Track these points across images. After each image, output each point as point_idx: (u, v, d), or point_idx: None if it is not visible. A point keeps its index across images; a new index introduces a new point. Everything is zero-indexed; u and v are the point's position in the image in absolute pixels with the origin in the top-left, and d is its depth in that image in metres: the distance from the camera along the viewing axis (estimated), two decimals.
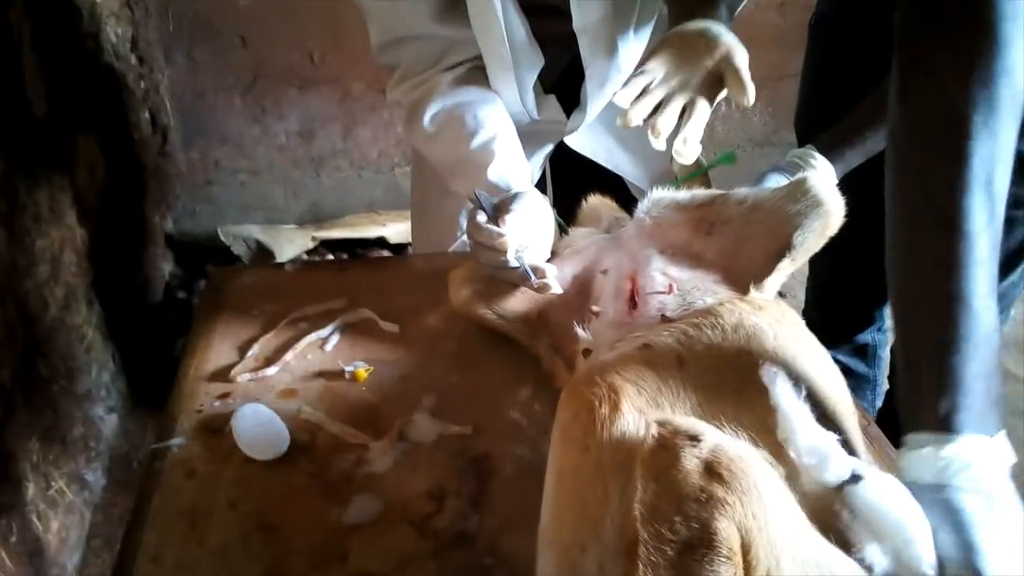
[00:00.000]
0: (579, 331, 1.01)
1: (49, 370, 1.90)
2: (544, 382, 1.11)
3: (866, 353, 1.87)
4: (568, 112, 1.45)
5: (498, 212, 1.11)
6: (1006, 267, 1.49)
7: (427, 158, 1.36)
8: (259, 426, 1.02)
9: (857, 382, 1.84)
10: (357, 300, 1.28)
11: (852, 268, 1.77)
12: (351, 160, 3.32)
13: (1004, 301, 1.56)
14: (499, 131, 1.26)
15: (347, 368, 1.13)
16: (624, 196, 1.44)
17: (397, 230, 3.08)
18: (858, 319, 1.80)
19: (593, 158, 1.50)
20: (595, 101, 1.38)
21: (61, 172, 2.10)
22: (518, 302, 1.16)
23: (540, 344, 1.13)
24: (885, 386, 1.86)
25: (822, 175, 1.07)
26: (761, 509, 0.59)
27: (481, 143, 1.24)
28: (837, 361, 0.91)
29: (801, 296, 1.92)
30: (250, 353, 1.17)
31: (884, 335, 1.90)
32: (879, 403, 1.89)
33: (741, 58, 1.05)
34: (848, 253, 1.74)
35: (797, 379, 0.76)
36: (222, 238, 3.04)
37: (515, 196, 1.15)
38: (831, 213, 1.02)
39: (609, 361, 0.81)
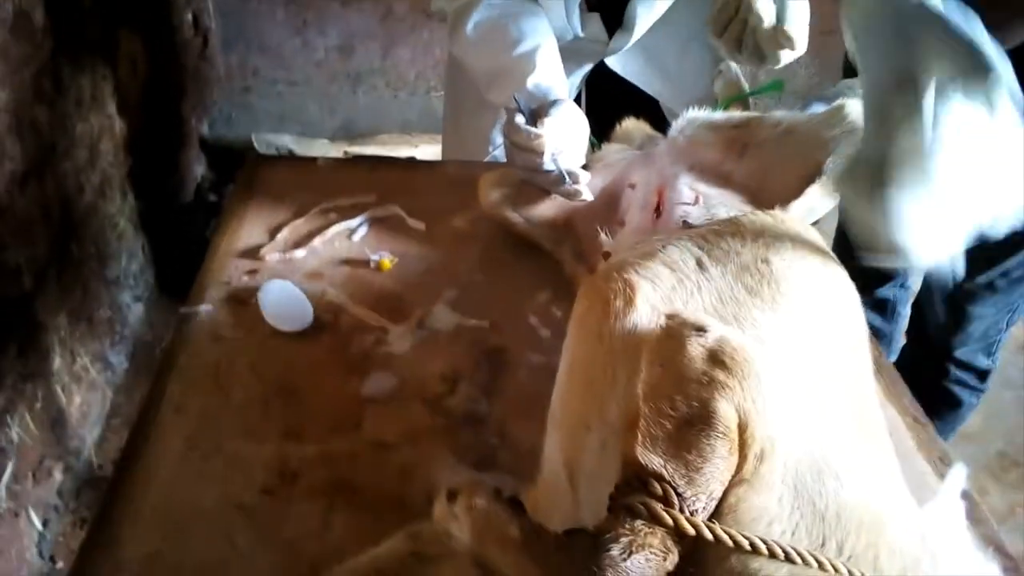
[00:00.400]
0: (603, 236, 1.02)
1: (81, 252, 1.95)
2: (563, 288, 1.13)
3: (885, 308, 1.87)
4: (610, 33, 1.44)
5: (536, 116, 1.12)
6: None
7: (467, 67, 1.36)
8: (285, 300, 1.05)
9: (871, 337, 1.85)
10: (386, 197, 1.30)
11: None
12: (388, 80, 3.30)
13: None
14: (541, 42, 1.26)
15: (373, 257, 1.16)
16: (659, 122, 1.43)
17: (429, 152, 3.08)
18: (881, 272, 1.80)
19: (632, 80, 1.49)
20: (642, 20, 1.37)
21: (104, 62, 2.12)
22: (546, 208, 1.17)
23: (564, 250, 1.15)
24: (901, 342, 1.87)
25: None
26: (760, 395, 0.60)
27: (523, 52, 1.24)
28: None
29: None
30: (280, 236, 1.20)
31: (906, 292, 1.90)
32: (892, 359, 1.90)
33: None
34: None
35: None
36: (256, 146, 3.06)
37: (553, 103, 1.15)
38: None
39: (628, 259, 0.82)
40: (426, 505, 0.79)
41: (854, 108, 1.03)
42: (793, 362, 0.70)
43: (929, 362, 1.71)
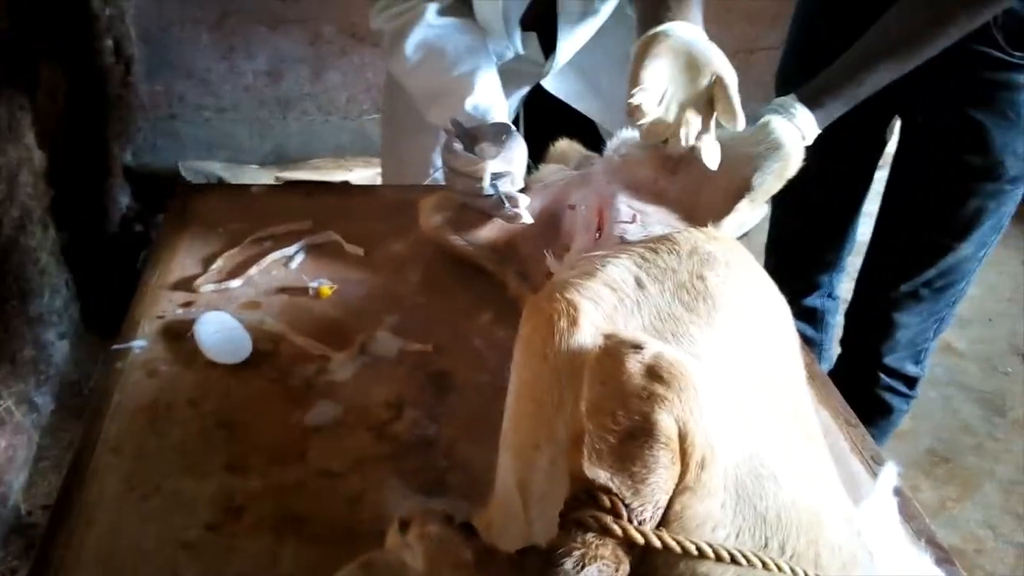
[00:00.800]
0: (548, 258, 1.04)
1: (2, 289, 1.87)
2: (506, 308, 1.14)
3: (814, 317, 1.94)
4: (546, 54, 1.47)
5: (474, 140, 1.13)
6: (958, 234, 1.55)
7: (405, 88, 1.37)
8: (222, 332, 1.03)
9: (803, 345, 1.91)
10: (323, 224, 1.29)
11: (803, 231, 1.83)
12: (319, 104, 3.28)
13: (956, 274, 1.62)
14: (480, 64, 1.27)
15: (311, 284, 1.15)
16: (597, 142, 1.46)
17: (363, 176, 3.06)
18: (807, 283, 1.87)
19: (568, 101, 1.52)
20: (566, 43, 1.40)
21: (21, 92, 2.04)
22: (487, 231, 1.18)
23: (507, 271, 1.16)
24: (835, 351, 1.93)
25: (798, 120, 1.10)
26: (698, 405, 0.62)
27: (461, 73, 1.25)
28: None
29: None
30: (214, 267, 1.18)
31: (835, 302, 1.97)
32: (826, 368, 1.96)
33: (731, 82, 1.03)
34: (801, 214, 1.81)
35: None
36: (183, 174, 2.99)
37: (492, 126, 1.16)
38: (790, 155, 1.07)
39: (570, 279, 0.84)
40: (377, 533, 0.79)
41: (778, 125, 1.08)
42: (729, 373, 0.72)
43: (860, 370, 1.78)
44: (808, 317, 1.93)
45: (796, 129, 1.08)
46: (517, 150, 1.16)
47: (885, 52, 1.17)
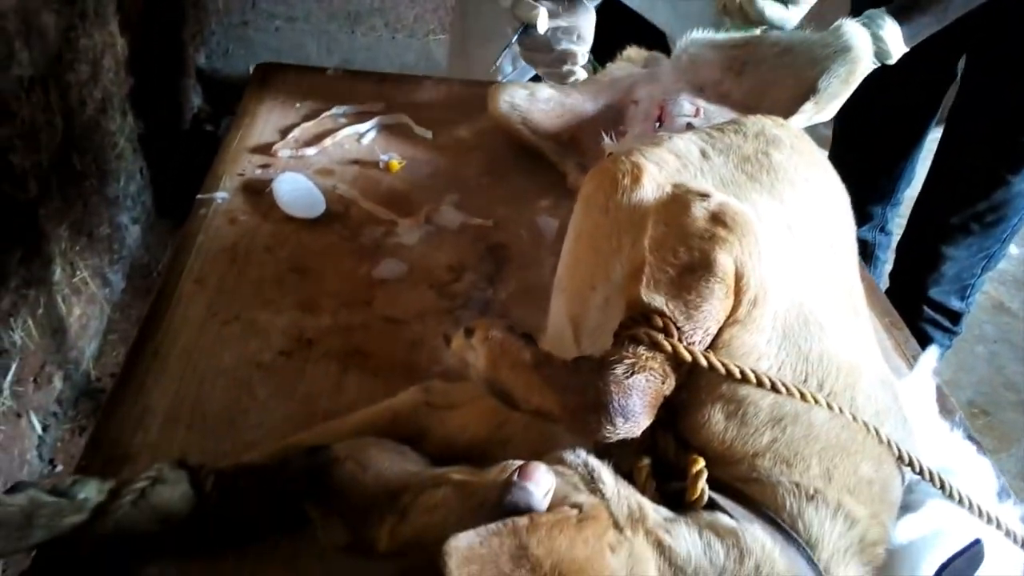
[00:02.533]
0: (607, 140, 1.06)
1: (83, 166, 1.97)
2: (565, 197, 1.17)
3: (864, 250, 1.92)
4: None
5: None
6: (1014, 166, 1.53)
7: None
8: (298, 190, 1.09)
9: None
10: (395, 107, 1.33)
11: (862, 159, 1.82)
12: (387, 20, 3.29)
13: (1009, 208, 1.60)
14: None
15: (382, 157, 1.20)
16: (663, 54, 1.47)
17: None
18: (860, 213, 1.85)
19: (639, 11, 1.52)
20: None
21: None
22: (552, 122, 1.21)
23: (568, 163, 1.19)
24: (883, 287, 1.93)
25: (885, 32, 1.09)
26: (756, 251, 0.66)
27: None
28: None
29: None
30: (291, 135, 1.23)
31: (887, 238, 1.95)
32: None
33: None
34: (862, 141, 1.79)
35: None
36: None
37: None
38: (859, 60, 1.06)
39: (635, 146, 0.87)
40: (435, 374, 0.85)
41: (850, 28, 1.08)
42: (787, 236, 0.75)
43: (905, 302, 1.77)
44: (858, 250, 1.92)
45: (867, 35, 1.08)
46: (584, 14, 1.17)
47: None
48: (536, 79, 1.43)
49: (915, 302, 1.76)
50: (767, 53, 1.13)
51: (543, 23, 1.10)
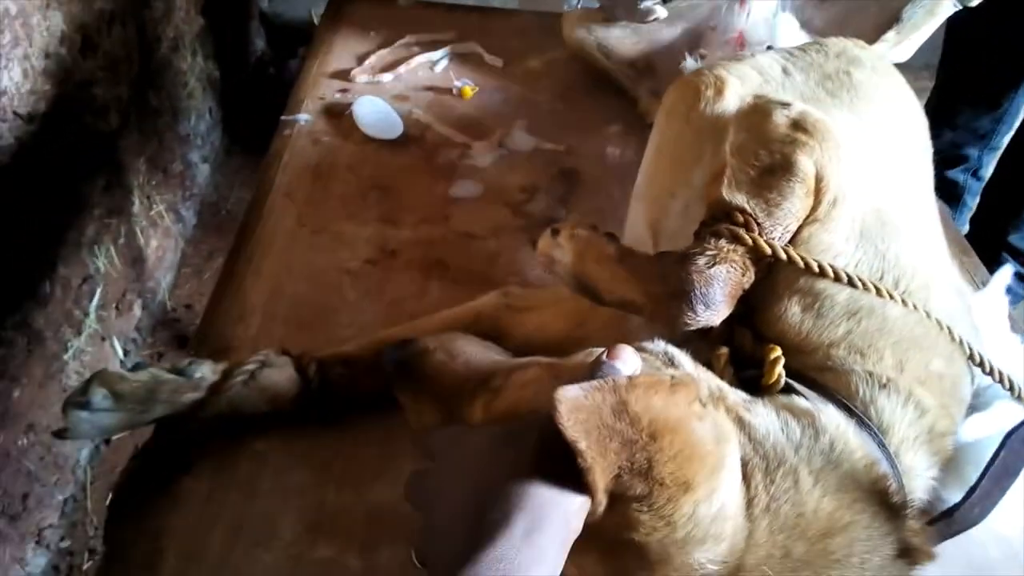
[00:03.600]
0: (687, 59, 1.07)
1: (158, 102, 2.04)
2: (636, 122, 1.19)
3: (953, 192, 1.89)
4: None
5: None
6: None
7: None
8: (376, 113, 1.13)
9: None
10: (465, 37, 1.35)
11: (961, 98, 1.78)
12: None
13: None
14: None
15: (456, 83, 1.23)
16: None
17: None
18: (954, 153, 1.82)
19: None
20: None
21: None
22: (628, 47, 1.22)
23: (641, 88, 1.21)
24: (964, 230, 1.90)
25: None
26: (836, 156, 0.67)
27: None
28: None
29: None
30: (368, 62, 1.27)
31: (978, 183, 1.91)
32: None
33: None
34: (962, 79, 1.76)
35: None
36: (314, 21, 3.09)
37: None
38: None
39: (718, 61, 0.88)
40: (511, 283, 0.89)
41: None
42: (866, 147, 0.76)
43: (984, 244, 1.75)
44: (947, 191, 1.88)
45: None
46: None
47: None
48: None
49: (994, 246, 1.75)
50: None
51: None
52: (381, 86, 1.22)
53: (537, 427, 0.48)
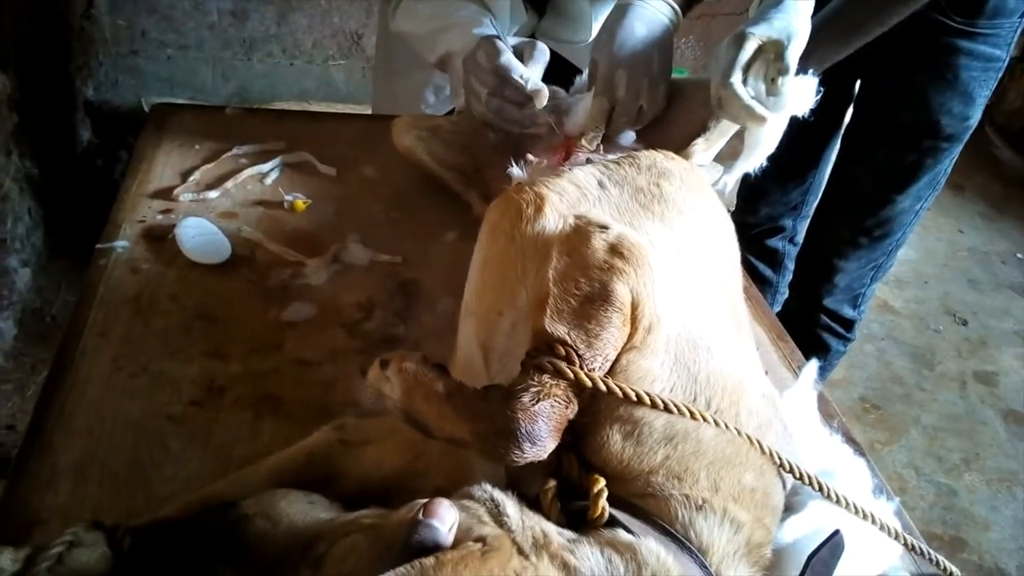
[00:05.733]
0: (514, 168, 1.11)
1: None
2: (471, 227, 1.20)
3: (774, 258, 2.05)
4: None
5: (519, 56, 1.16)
6: (897, 187, 1.67)
7: (407, 34, 1.38)
8: (202, 235, 1.09)
9: (760, 284, 2.02)
10: (296, 145, 1.34)
11: (771, 175, 1.94)
12: (284, 47, 3.28)
13: (894, 224, 1.74)
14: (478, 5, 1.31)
15: (287, 198, 1.21)
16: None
17: None
18: (771, 224, 1.98)
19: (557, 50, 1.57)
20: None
21: None
22: (455, 154, 1.25)
23: (472, 193, 1.23)
24: (784, 295, 2.06)
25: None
26: (651, 280, 0.71)
27: (468, 11, 1.28)
28: (745, 260, 1.05)
29: None
30: (192, 178, 1.22)
31: (795, 248, 2.09)
32: (776, 308, 2.08)
33: None
34: (771, 159, 1.91)
35: None
36: (145, 108, 2.97)
37: (525, 42, 1.20)
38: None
39: (537, 178, 0.92)
40: (349, 413, 0.87)
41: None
42: (677, 262, 0.81)
43: (803, 310, 1.91)
44: (769, 258, 2.04)
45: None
46: (545, 57, 1.20)
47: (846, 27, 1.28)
48: (451, 112, 1.46)
49: (812, 311, 1.89)
50: None
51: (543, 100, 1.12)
52: (207, 204, 1.18)
53: None
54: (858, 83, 1.76)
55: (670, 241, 0.84)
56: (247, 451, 0.84)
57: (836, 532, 0.63)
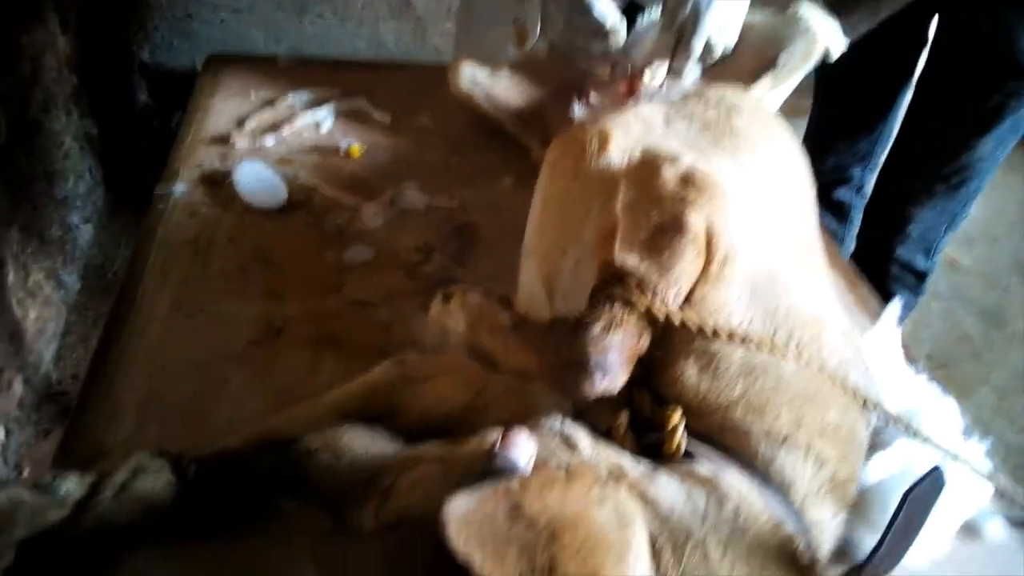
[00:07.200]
0: (575, 106, 1.07)
1: (30, 167, 1.92)
2: (526, 174, 1.17)
3: (840, 210, 1.97)
4: None
5: None
6: (978, 130, 1.58)
7: None
8: (258, 179, 1.08)
9: (825, 237, 1.93)
10: (351, 93, 1.32)
11: (840, 122, 1.86)
12: (334, 8, 3.24)
13: (972, 171, 1.65)
14: None
15: (342, 144, 1.19)
16: None
17: None
18: (839, 174, 1.90)
19: None
20: None
21: None
22: (516, 96, 1.21)
23: (531, 137, 1.20)
24: (851, 248, 1.98)
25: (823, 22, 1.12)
26: (725, 212, 0.67)
27: None
28: None
29: None
30: (248, 125, 1.21)
31: (862, 199, 2.00)
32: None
33: None
34: (840, 104, 1.84)
35: None
36: (199, 69, 2.99)
37: None
38: (817, 39, 1.09)
39: (600, 115, 0.88)
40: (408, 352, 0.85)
41: (808, 11, 1.10)
42: (750, 197, 0.77)
43: (873, 262, 1.82)
44: (835, 209, 1.95)
45: (826, 18, 1.10)
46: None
47: None
48: None
49: (882, 262, 1.81)
50: None
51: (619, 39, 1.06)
52: (263, 150, 1.17)
53: (427, 537, 0.45)
54: (934, 25, 1.66)
55: (742, 176, 0.79)
56: (306, 390, 0.82)
57: (935, 468, 0.58)
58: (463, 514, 0.43)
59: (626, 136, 0.81)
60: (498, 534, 0.44)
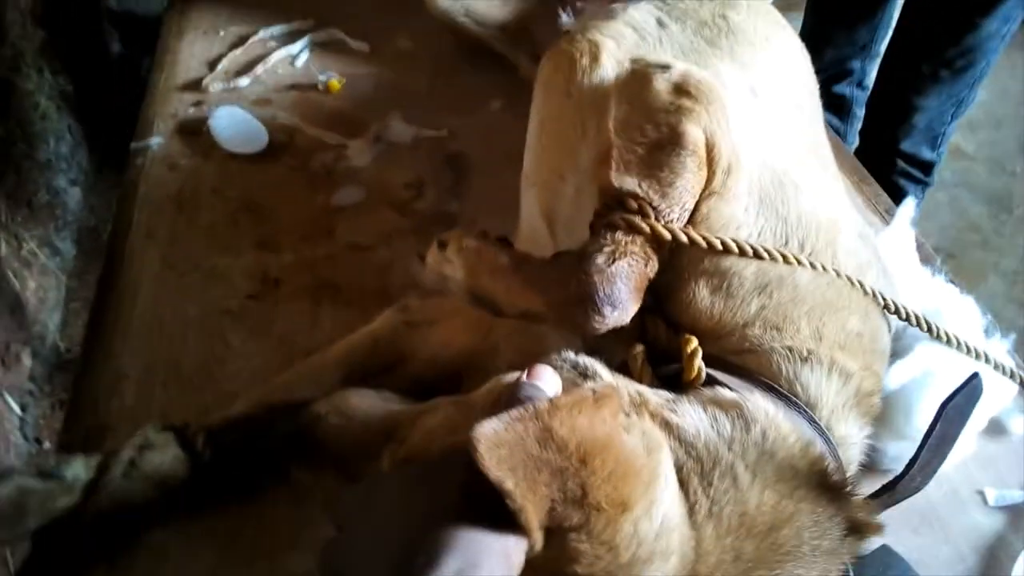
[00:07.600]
0: (564, 19, 1.01)
1: (7, 131, 1.86)
2: (516, 94, 1.12)
3: (842, 106, 1.90)
4: None
5: None
6: (983, 8, 1.50)
7: None
8: (236, 124, 1.03)
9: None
10: (325, 22, 1.25)
11: (838, 12, 1.78)
12: None
13: (978, 52, 1.58)
14: None
15: (320, 78, 1.13)
16: None
17: None
18: (839, 68, 1.82)
19: None
20: None
21: None
22: (498, 10, 1.15)
23: (519, 52, 1.14)
24: (854, 144, 1.92)
25: None
26: (724, 118, 0.63)
27: None
28: None
29: None
30: (220, 67, 1.16)
31: (863, 93, 1.92)
32: None
33: None
34: None
35: None
36: None
37: None
38: None
39: (591, 23, 0.82)
40: (409, 295, 0.83)
41: None
42: (752, 98, 0.72)
43: (878, 156, 1.77)
44: (836, 105, 1.89)
45: None
46: None
47: None
48: None
49: (887, 156, 1.76)
50: None
51: None
52: (238, 92, 1.12)
53: (455, 463, 0.43)
54: None
55: (742, 78, 0.74)
56: (309, 341, 0.81)
57: (975, 375, 0.56)
58: (493, 436, 0.41)
59: (618, 46, 0.76)
60: (529, 458, 0.42)
